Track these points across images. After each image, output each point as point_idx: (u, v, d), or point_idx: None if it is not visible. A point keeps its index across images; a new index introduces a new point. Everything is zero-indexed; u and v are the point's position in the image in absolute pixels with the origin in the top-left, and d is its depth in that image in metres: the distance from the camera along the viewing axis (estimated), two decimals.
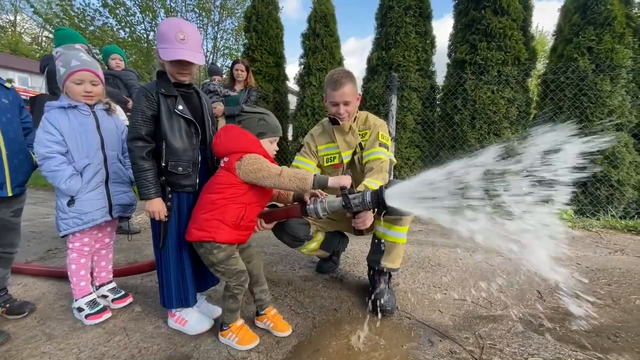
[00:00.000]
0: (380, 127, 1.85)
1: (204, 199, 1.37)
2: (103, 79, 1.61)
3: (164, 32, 1.33)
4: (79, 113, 1.52)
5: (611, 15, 3.83)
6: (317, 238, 1.93)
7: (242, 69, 3.78)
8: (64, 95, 1.53)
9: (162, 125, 1.36)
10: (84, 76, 1.52)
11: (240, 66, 3.79)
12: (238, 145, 1.37)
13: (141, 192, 1.35)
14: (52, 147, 1.45)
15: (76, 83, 1.51)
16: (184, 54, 1.33)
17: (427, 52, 4.85)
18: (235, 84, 3.83)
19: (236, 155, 1.35)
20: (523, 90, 4.32)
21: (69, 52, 1.52)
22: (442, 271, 2.17)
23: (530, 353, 1.32)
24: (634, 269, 2.26)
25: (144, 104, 1.34)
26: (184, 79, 1.43)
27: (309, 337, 1.43)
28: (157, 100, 1.36)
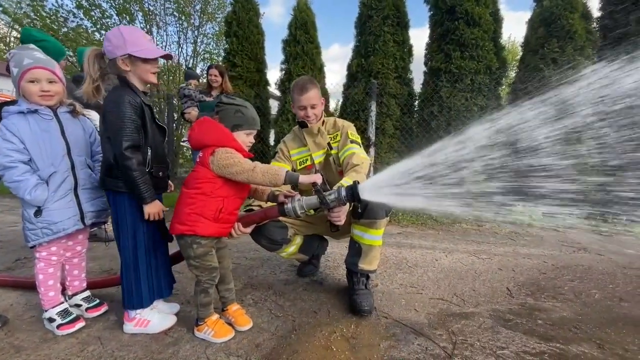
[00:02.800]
0: (349, 127, 1.95)
1: (184, 194, 1.39)
2: (62, 77, 1.52)
3: (131, 37, 1.37)
4: (40, 118, 1.43)
5: (572, 29, 4.11)
6: (295, 242, 1.95)
7: (216, 74, 3.70)
8: (22, 99, 1.44)
9: (147, 134, 1.41)
10: (38, 74, 1.42)
11: (214, 71, 3.71)
12: (210, 138, 1.39)
13: (144, 196, 1.37)
14: (12, 155, 1.36)
15: (31, 82, 1.41)
16: (162, 50, 1.43)
17: (405, 60, 5.03)
18: (211, 89, 3.77)
19: (209, 149, 1.38)
20: (495, 98, 4.54)
21: (22, 52, 1.44)
22: (419, 272, 2.24)
23: (498, 346, 1.39)
24: (595, 266, 2.41)
25: (132, 112, 1.34)
26: (154, 79, 1.47)
27: (288, 339, 1.45)
28: (141, 109, 1.39)
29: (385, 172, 1.57)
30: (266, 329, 1.52)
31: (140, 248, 1.45)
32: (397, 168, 1.53)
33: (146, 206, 1.39)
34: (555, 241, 3.08)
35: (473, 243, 2.98)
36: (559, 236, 3.26)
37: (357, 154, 1.80)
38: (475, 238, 3.16)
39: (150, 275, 1.48)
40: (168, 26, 9.80)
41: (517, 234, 3.32)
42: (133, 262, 1.45)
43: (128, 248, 1.44)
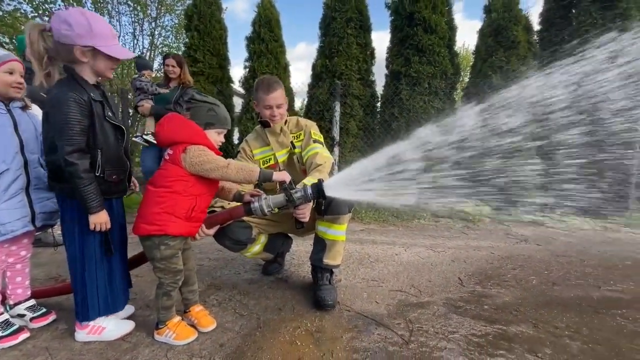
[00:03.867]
0: (312, 126, 1.99)
1: (152, 193, 1.35)
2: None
3: (100, 29, 1.25)
4: None
5: (517, 40, 4.51)
6: (260, 241, 1.96)
7: (174, 64, 3.37)
8: None
9: (97, 134, 1.27)
10: (16, 66, 1.40)
11: (171, 61, 3.37)
12: (182, 135, 1.37)
13: (89, 205, 1.23)
14: None
15: (9, 73, 1.38)
16: (132, 53, 1.38)
17: (368, 63, 5.17)
18: (170, 81, 3.44)
19: (180, 147, 1.35)
20: (450, 102, 4.84)
21: None
22: (380, 266, 2.35)
23: (450, 331, 1.51)
24: (534, 255, 2.68)
25: (77, 111, 1.20)
26: (110, 75, 1.39)
27: (253, 336, 1.46)
28: (90, 107, 1.25)
29: (348, 170, 1.67)
30: (230, 329, 1.52)
31: (91, 258, 1.34)
32: (360, 166, 1.62)
33: (92, 216, 1.25)
34: (501, 234, 3.38)
35: (430, 237, 3.17)
36: (504, 229, 3.57)
37: (320, 153, 1.85)
38: (431, 233, 3.37)
39: (104, 286, 1.38)
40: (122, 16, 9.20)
41: (469, 228, 3.58)
42: (81, 273, 1.34)
43: (77, 257, 1.33)
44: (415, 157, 1.68)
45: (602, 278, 2.21)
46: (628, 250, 2.88)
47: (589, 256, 2.70)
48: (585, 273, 2.31)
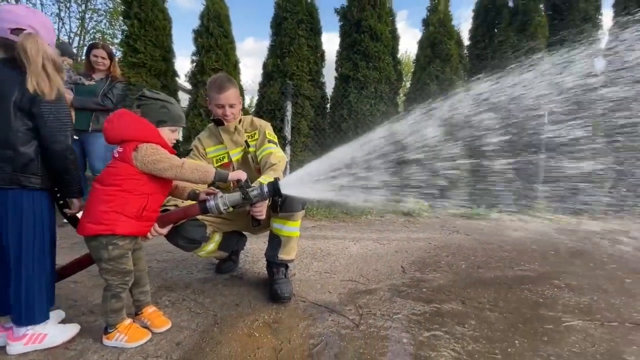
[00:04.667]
0: (266, 127, 2.04)
1: (99, 191, 1.29)
2: None
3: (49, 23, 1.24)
4: None
5: (450, 53, 5.02)
6: (214, 239, 1.96)
7: (104, 56, 3.08)
8: None
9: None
10: None
11: (101, 52, 3.08)
12: (133, 133, 1.33)
13: (78, 189, 1.39)
14: None
15: None
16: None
17: (318, 65, 5.32)
18: (93, 72, 3.11)
19: (131, 145, 1.31)
20: (394, 106, 5.21)
21: None
22: (331, 259, 2.49)
23: (394, 312, 1.70)
24: (463, 244, 3.06)
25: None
26: None
27: (211, 333, 1.47)
28: None
29: (302, 169, 1.77)
30: (186, 327, 1.51)
31: (41, 253, 1.29)
32: (313, 165, 1.73)
33: (77, 200, 1.39)
34: (437, 226, 3.77)
35: (376, 231, 3.42)
36: (440, 222, 3.99)
37: (275, 153, 1.91)
38: (378, 227, 3.63)
39: (48, 283, 1.32)
40: None
41: (410, 222, 3.93)
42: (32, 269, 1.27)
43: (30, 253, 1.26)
44: (365, 158, 1.86)
45: (515, 260, 2.63)
46: (535, 237, 3.43)
47: (506, 243, 3.17)
48: (503, 257, 2.71)
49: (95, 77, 3.10)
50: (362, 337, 1.47)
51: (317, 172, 1.72)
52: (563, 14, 5.34)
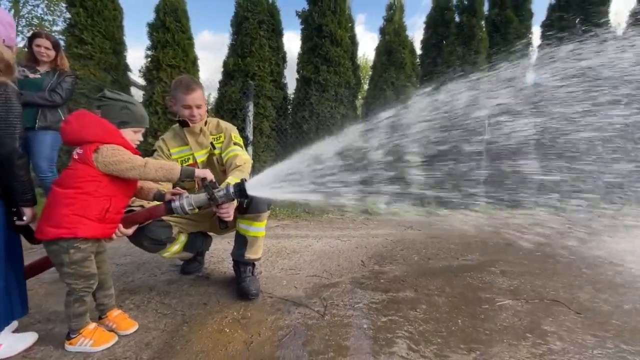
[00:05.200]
0: (232, 130, 2.08)
1: (60, 194, 1.26)
2: None
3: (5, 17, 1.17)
4: None
5: (404, 61, 5.37)
6: (179, 240, 1.96)
7: (48, 46, 2.80)
8: None
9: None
10: None
11: (44, 42, 2.79)
12: (93, 134, 1.31)
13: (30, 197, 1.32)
14: None
15: None
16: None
17: (280, 66, 5.38)
18: (37, 63, 2.84)
19: (91, 146, 1.29)
20: (353, 109, 5.44)
21: None
22: (296, 257, 2.59)
23: (356, 302, 1.85)
24: (416, 239, 3.34)
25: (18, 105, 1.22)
26: None
27: (180, 331, 1.50)
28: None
29: (268, 170, 1.83)
30: (154, 328, 1.52)
31: (10, 259, 1.26)
32: (278, 167, 1.82)
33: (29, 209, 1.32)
34: (393, 223, 4.05)
35: (337, 229, 3.59)
36: (396, 219, 4.28)
37: (241, 156, 1.96)
38: (339, 225, 3.80)
39: (9, 292, 1.25)
40: None
41: (369, 220, 4.16)
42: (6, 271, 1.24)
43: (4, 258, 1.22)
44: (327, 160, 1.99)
45: (460, 252, 2.94)
46: (476, 231, 3.84)
47: (452, 236, 3.51)
48: (449, 249, 3.02)
49: (40, 70, 2.83)
50: (327, 325, 1.59)
51: (283, 173, 1.81)
52: (500, 31, 5.98)
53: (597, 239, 3.53)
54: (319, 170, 1.96)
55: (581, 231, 3.88)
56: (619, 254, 2.92)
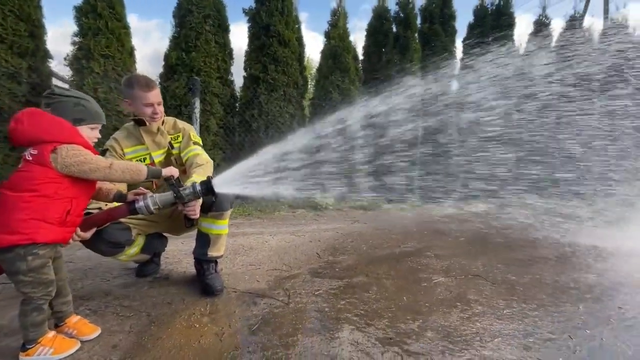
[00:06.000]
0: (190, 129, 2.10)
1: (13, 198, 1.18)
2: None
3: None
4: None
5: (348, 66, 5.71)
6: (138, 242, 1.92)
7: None
8: None
9: None
10: None
11: None
12: (49, 134, 1.25)
13: None
14: None
15: None
16: None
17: (227, 62, 5.29)
18: None
19: (48, 146, 1.24)
20: (301, 109, 5.61)
21: None
22: (254, 253, 2.68)
23: (315, 290, 2.02)
24: (363, 231, 3.65)
25: None
26: None
27: (148, 331, 1.51)
28: None
29: (232, 169, 1.92)
30: (119, 330, 1.50)
31: None
32: (242, 165, 1.91)
33: None
34: (342, 218, 4.33)
35: (291, 225, 3.73)
36: (343, 214, 4.57)
37: (201, 155, 1.99)
38: (292, 221, 3.95)
39: None
40: None
41: (319, 215, 4.39)
42: None
43: None
44: (288, 158, 2.14)
45: (401, 240, 3.32)
46: (416, 222, 4.32)
47: (395, 228, 3.92)
48: (392, 239, 3.38)
49: None
50: (293, 312, 1.74)
51: (245, 171, 1.90)
52: (430, 43, 6.69)
53: (508, 225, 4.26)
54: (283, 167, 2.10)
55: (495, 219, 4.62)
56: (525, 237, 3.60)
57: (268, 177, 1.96)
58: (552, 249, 3.13)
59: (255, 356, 1.35)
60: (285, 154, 2.25)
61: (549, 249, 3.13)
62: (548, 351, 1.47)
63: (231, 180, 1.84)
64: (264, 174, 1.95)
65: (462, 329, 1.63)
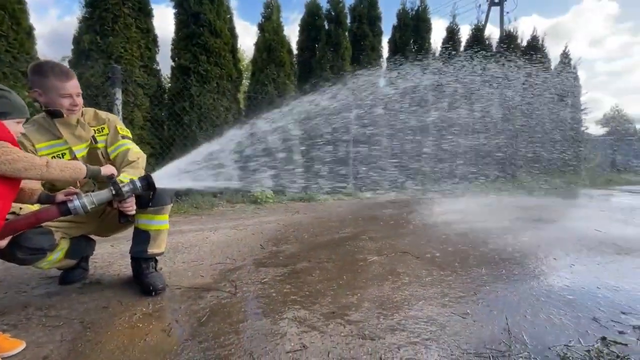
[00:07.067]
0: (116, 121, 1.99)
1: None
2: None
3: None
4: None
5: (283, 60, 5.75)
6: (61, 246, 1.76)
7: None
8: None
9: None
10: None
11: None
12: None
13: None
14: None
15: None
16: None
17: (151, 50, 4.91)
18: None
19: None
20: (236, 102, 5.49)
21: None
22: (195, 249, 2.62)
23: (262, 279, 2.10)
24: (304, 221, 3.80)
25: None
26: None
27: (84, 337, 1.42)
28: None
29: (172, 163, 1.88)
30: (49, 341, 1.38)
31: None
32: (182, 160, 1.88)
33: None
34: (282, 209, 4.42)
35: (231, 220, 3.70)
36: (283, 206, 4.67)
37: (132, 150, 1.89)
38: (231, 216, 3.90)
39: None
40: None
41: (259, 209, 4.41)
42: None
43: None
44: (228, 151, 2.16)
45: (339, 227, 3.56)
46: (350, 210, 4.64)
47: (333, 216, 4.16)
48: (331, 226, 3.60)
49: None
50: (241, 300, 1.80)
51: (186, 165, 1.88)
52: (360, 43, 7.09)
53: (429, 209, 4.84)
54: (222, 161, 2.12)
55: (419, 203, 5.20)
56: (442, 219, 4.15)
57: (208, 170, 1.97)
58: (456, 228, 3.70)
59: (207, 344, 1.38)
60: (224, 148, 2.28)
61: (454, 228, 3.69)
62: (459, 306, 1.79)
63: (172, 175, 1.81)
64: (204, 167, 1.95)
65: (393, 297, 1.88)
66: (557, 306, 1.82)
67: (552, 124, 8.91)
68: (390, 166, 6.51)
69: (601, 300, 1.91)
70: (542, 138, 8.74)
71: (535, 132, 8.58)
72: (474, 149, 7.32)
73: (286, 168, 5.00)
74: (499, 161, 7.51)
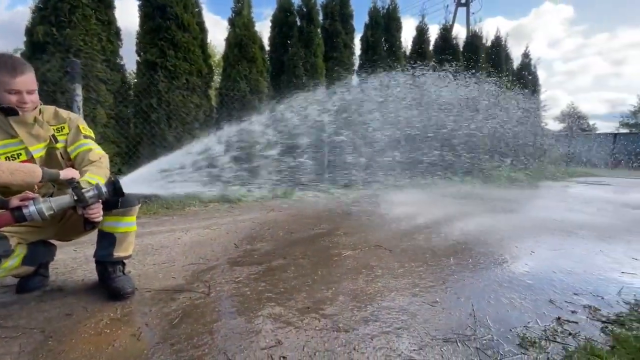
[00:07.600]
0: (78, 120, 1.88)
1: None
2: None
3: None
4: None
5: (255, 56, 5.66)
6: (17, 252, 1.64)
7: None
8: None
9: None
10: None
11: None
12: None
13: None
14: None
15: None
16: None
17: (114, 44, 4.65)
18: None
19: None
20: (207, 98, 5.34)
21: None
22: (166, 251, 2.54)
23: (236, 277, 2.08)
24: (279, 218, 3.79)
25: None
26: None
27: (46, 347, 1.34)
28: None
29: (143, 168, 1.82)
30: (6, 352, 1.30)
31: None
32: (153, 165, 1.82)
33: None
34: (257, 208, 4.37)
35: (204, 220, 3.61)
36: (258, 204, 4.62)
37: (94, 150, 1.80)
38: (204, 216, 3.81)
39: None
40: None
41: (233, 207, 4.34)
42: None
43: None
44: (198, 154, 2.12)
45: (314, 224, 3.58)
46: (325, 207, 4.67)
47: (308, 212, 4.17)
48: (306, 223, 3.61)
49: None
50: (215, 300, 1.77)
51: (159, 168, 1.82)
52: (332, 40, 7.12)
53: (402, 204, 4.98)
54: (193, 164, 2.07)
55: (386, 200, 5.34)
56: (414, 212, 4.28)
57: (180, 176, 1.92)
58: (427, 221, 3.85)
59: (179, 346, 1.35)
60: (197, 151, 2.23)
61: (425, 221, 3.83)
62: (429, 295, 1.87)
63: (141, 180, 1.74)
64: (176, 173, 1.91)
65: (367, 289, 1.93)
66: (518, 290, 1.95)
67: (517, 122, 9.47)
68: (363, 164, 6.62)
69: (557, 283, 2.07)
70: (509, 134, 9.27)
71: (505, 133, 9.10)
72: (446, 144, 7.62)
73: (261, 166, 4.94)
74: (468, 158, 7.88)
